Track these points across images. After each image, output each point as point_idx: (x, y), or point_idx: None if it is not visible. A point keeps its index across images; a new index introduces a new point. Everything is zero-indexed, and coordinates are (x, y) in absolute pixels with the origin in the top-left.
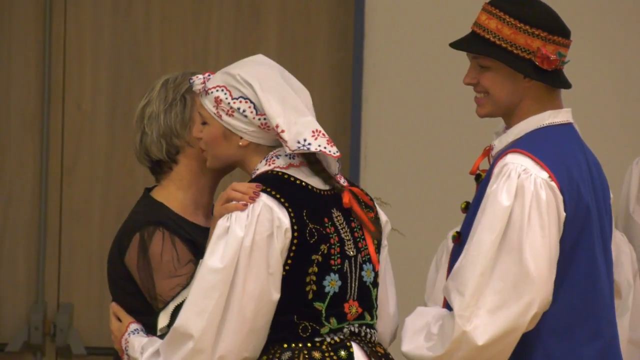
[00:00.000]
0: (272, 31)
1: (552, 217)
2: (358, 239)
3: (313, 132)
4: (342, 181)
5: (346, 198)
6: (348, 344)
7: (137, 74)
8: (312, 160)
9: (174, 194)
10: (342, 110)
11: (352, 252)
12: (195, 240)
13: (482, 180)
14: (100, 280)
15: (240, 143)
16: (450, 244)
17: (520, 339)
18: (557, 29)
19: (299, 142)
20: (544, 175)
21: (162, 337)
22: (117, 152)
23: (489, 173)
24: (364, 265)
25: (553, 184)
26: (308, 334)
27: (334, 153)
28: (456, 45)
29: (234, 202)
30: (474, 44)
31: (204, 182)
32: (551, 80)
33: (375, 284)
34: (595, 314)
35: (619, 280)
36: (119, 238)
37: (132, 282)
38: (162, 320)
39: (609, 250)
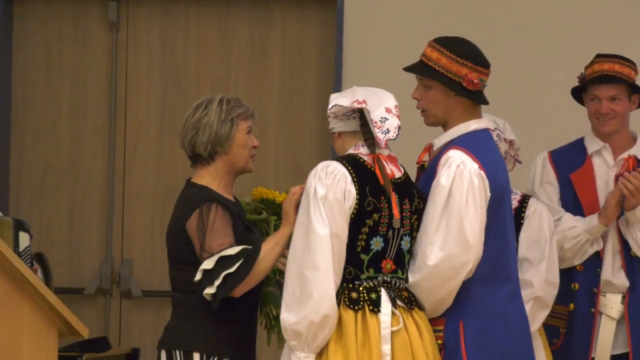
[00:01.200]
0: (275, 62)
1: (482, 197)
2: (405, 217)
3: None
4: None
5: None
6: (378, 289)
7: (178, 94)
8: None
9: (211, 182)
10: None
11: (397, 225)
12: (233, 210)
13: (425, 170)
14: (152, 242)
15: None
16: None
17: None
18: (480, 62)
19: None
20: (476, 166)
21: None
22: (164, 151)
23: (434, 164)
24: (404, 237)
25: (482, 172)
26: (351, 277)
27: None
28: (408, 69)
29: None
30: (420, 69)
31: (229, 178)
32: (474, 98)
33: (409, 251)
34: (506, 264)
35: (540, 237)
36: (181, 214)
37: (188, 243)
38: (207, 264)
39: (512, 219)
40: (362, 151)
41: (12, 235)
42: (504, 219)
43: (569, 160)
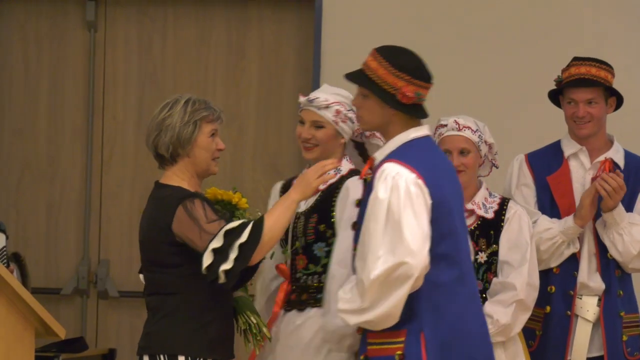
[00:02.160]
0: (253, 63)
1: (420, 204)
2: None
3: None
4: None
5: None
6: None
7: (156, 94)
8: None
9: (180, 182)
10: None
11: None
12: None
13: (368, 183)
14: (129, 242)
15: (342, 141)
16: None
17: None
18: (419, 75)
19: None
20: (413, 175)
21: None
22: (142, 151)
23: (372, 178)
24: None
25: (420, 181)
26: None
27: None
28: (348, 77)
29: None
30: (357, 77)
31: (195, 179)
32: (409, 111)
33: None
34: (454, 252)
35: (520, 239)
36: (159, 215)
37: (170, 244)
38: (215, 243)
39: (464, 218)
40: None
41: None
42: (453, 218)
43: (546, 163)
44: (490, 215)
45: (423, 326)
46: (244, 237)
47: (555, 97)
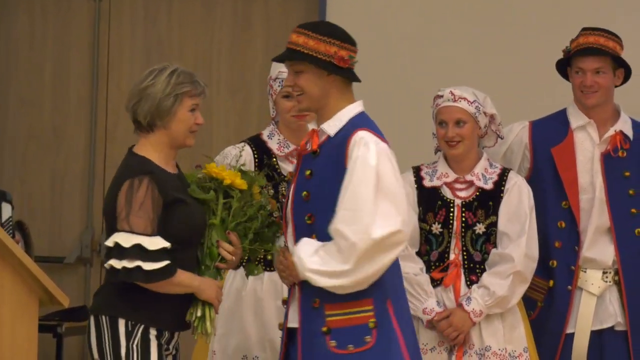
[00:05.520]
0: (259, 36)
1: (400, 176)
2: None
3: None
4: None
5: None
6: None
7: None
8: None
9: (151, 153)
10: None
11: None
12: (167, 185)
13: (317, 154)
14: None
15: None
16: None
17: None
18: (347, 40)
19: None
20: (386, 146)
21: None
22: None
23: (340, 146)
24: None
25: (392, 152)
26: None
27: None
28: (277, 59)
29: None
30: (290, 55)
31: (170, 150)
32: (347, 75)
33: None
34: None
35: (520, 210)
36: (117, 184)
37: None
38: (123, 240)
39: None
40: None
41: None
42: None
43: (550, 134)
44: (489, 186)
45: (389, 294)
46: (147, 266)
47: (564, 68)
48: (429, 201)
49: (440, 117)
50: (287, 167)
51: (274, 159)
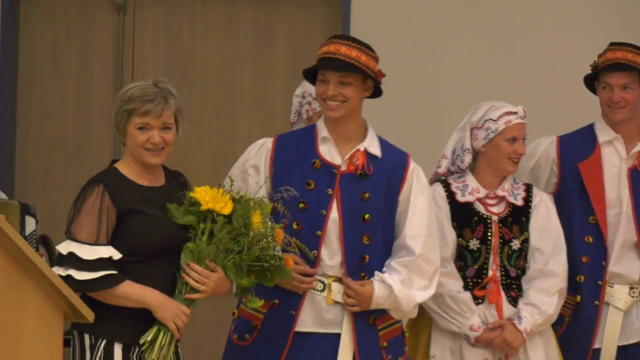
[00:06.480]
0: (281, 48)
1: None
2: None
3: None
4: None
5: None
6: None
7: (183, 78)
8: None
9: (123, 166)
10: None
11: None
12: (127, 194)
13: (370, 176)
14: None
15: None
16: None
17: None
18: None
19: None
20: None
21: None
22: None
23: (398, 171)
24: None
25: None
26: None
27: None
28: (331, 68)
29: None
30: (344, 66)
31: (138, 165)
32: (379, 92)
33: None
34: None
35: (551, 226)
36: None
37: None
38: (62, 247)
39: None
40: None
41: (19, 219)
42: None
43: (578, 148)
44: (519, 202)
45: None
46: (80, 275)
47: (591, 82)
48: (465, 217)
49: (512, 133)
50: None
51: None
